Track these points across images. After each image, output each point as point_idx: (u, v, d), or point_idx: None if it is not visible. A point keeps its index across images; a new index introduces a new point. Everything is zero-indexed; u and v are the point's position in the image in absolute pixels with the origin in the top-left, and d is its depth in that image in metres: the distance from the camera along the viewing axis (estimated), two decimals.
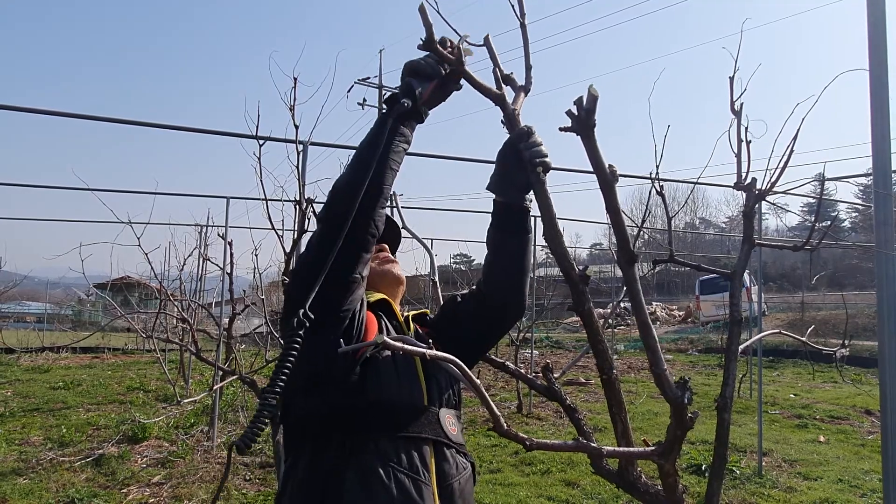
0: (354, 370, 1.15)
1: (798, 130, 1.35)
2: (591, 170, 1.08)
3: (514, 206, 1.35)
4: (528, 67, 1.27)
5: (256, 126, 3.16)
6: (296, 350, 0.97)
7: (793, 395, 8.91)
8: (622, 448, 1.11)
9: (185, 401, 6.89)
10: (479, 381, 0.95)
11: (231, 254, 3.98)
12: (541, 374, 1.41)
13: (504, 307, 1.42)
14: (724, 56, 1.46)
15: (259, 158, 3.14)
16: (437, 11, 1.19)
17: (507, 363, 1.57)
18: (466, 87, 1.26)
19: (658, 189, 1.45)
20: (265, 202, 3.19)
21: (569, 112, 1.05)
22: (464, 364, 0.94)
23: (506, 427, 0.93)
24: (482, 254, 2.22)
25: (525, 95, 1.27)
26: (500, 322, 1.46)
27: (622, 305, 16.40)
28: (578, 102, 1.04)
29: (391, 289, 1.45)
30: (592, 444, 1.00)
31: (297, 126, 2.99)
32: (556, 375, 1.40)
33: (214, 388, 4.94)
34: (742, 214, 1.38)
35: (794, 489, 4.69)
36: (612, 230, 1.09)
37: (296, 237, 3.04)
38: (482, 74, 1.26)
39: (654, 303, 24.52)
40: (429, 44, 1.17)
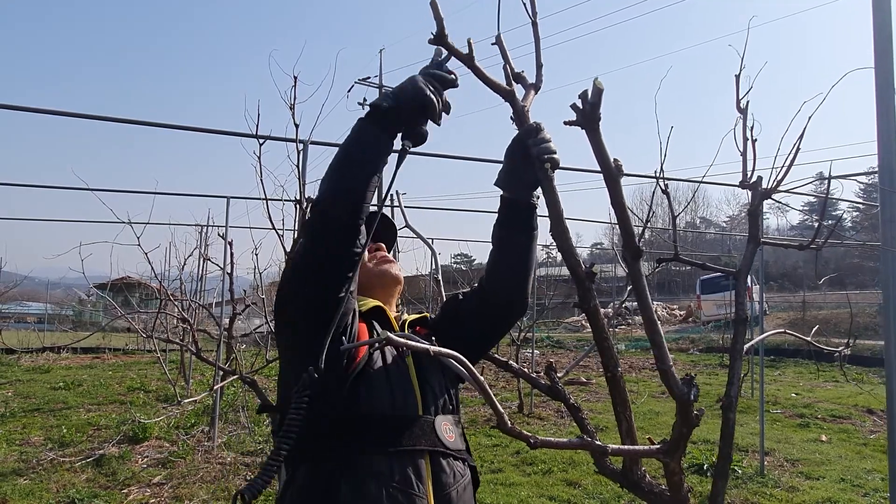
0: (345, 385, 1.15)
1: (804, 129, 1.34)
2: (596, 167, 1.07)
3: (521, 203, 1.33)
4: (539, 66, 1.26)
5: (256, 125, 3.14)
6: (305, 408, 0.99)
7: (794, 395, 8.89)
8: (627, 446, 1.10)
9: (186, 401, 6.86)
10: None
11: (231, 253, 3.97)
12: (543, 374, 1.40)
13: (508, 305, 1.41)
14: (731, 53, 1.45)
15: (259, 158, 3.12)
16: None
17: (511, 362, 1.56)
18: (472, 86, 1.26)
19: (663, 187, 1.43)
20: (265, 202, 3.17)
21: (573, 106, 1.03)
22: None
23: (510, 425, 0.92)
24: (483, 254, 2.21)
25: (535, 93, 1.26)
26: (503, 320, 1.45)
27: (623, 305, 16.38)
28: (583, 96, 1.03)
29: (389, 289, 1.44)
30: (597, 443, 0.99)
31: (298, 125, 2.97)
32: (560, 375, 1.39)
33: (215, 389, 4.92)
34: (747, 213, 1.36)
35: (797, 489, 4.67)
36: (618, 225, 1.07)
37: (296, 237, 3.02)
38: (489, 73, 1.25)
39: (655, 302, 24.46)
40: (440, 38, 1.17)
